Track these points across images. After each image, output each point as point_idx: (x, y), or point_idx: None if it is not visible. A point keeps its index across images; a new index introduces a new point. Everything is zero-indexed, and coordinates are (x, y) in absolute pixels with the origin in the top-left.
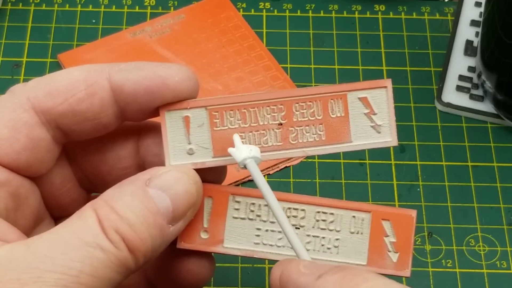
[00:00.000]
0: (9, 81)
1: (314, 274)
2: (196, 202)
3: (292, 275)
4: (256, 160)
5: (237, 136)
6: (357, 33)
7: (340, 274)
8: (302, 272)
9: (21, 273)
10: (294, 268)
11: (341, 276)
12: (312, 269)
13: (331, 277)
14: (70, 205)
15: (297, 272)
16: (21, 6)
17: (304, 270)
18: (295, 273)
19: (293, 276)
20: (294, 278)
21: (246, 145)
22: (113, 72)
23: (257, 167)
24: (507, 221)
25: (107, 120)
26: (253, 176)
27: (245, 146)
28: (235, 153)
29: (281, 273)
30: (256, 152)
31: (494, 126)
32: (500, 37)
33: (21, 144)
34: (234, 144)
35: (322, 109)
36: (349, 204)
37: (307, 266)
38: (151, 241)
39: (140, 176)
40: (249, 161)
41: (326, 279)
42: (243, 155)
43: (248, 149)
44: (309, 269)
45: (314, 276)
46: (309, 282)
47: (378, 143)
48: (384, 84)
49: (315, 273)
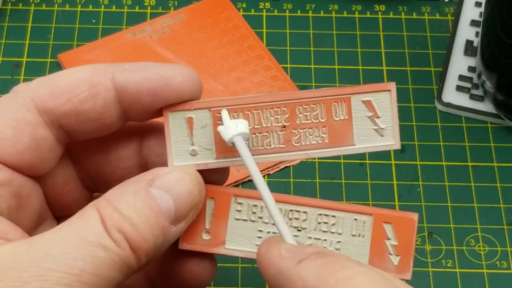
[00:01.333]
0: (9, 81)
1: (295, 259)
2: (199, 203)
3: (274, 258)
4: (244, 136)
5: (225, 111)
6: (357, 33)
7: (321, 260)
8: (283, 256)
9: (23, 271)
10: (276, 251)
11: (321, 263)
12: (294, 253)
13: (312, 263)
14: (73, 204)
15: (278, 256)
16: (21, 6)
17: (285, 253)
18: (276, 257)
19: (274, 260)
20: (275, 262)
21: (233, 121)
22: (117, 72)
23: (244, 144)
24: (507, 221)
25: (110, 120)
26: (240, 154)
27: (231, 122)
28: (223, 131)
29: (263, 255)
30: (243, 127)
31: (494, 126)
32: (500, 37)
33: (24, 143)
34: (223, 121)
35: (325, 111)
36: (350, 207)
37: (288, 250)
38: (154, 240)
39: (143, 176)
40: (235, 138)
41: (307, 264)
42: (229, 134)
43: (234, 126)
44: (290, 253)
45: (294, 260)
46: (290, 266)
47: (381, 146)
48: (388, 87)
49: (296, 257)
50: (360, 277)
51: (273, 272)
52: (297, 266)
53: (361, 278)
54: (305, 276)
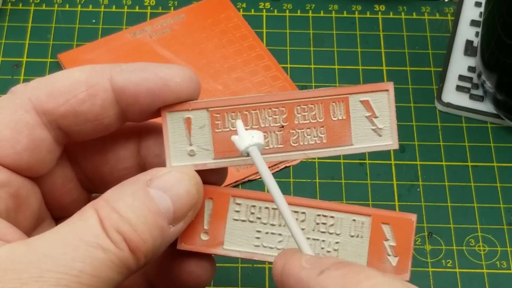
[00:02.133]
0: (9, 81)
1: (316, 269)
2: (197, 203)
3: (294, 269)
4: (259, 146)
5: (240, 122)
6: (357, 33)
7: (343, 270)
8: (304, 267)
9: (22, 272)
10: (296, 262)
11: (343, 273)
12: (314, 264)
13: (333, 273)
14: (71, 205)
15: (299, 267)
16: (21, 6)
17: (306, 264)
18: (297, 267)
19: (295, 270)
20: (295, 273)
21: (248, 131)
22: (115, 73)
23: (259, 154)
24: (507, 221)
25: (108, 121)
26: (256, 164)
27: (247, 132)
28: (238, 141)
29: (283, 266)
30: (259, 138)
31: (494, 126)
32: (500, 37)
33: (22, 144)
34: (237, 131)
35: (323, 111)
36: (349, 208)
37: (309, 261)
38: (152, 241)
39: (141, 176)
40: (251, 149)
41: (328, 274)
42: (245, 144)
43: (250, 136)
44: (311, 264)
45: (316, 271)
46: (311, 277)
47: (379, 146)
48: (386, 87)
49: (317, 268)
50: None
51: (294, 283)
52: (319, 276)
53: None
54: (327, 287)
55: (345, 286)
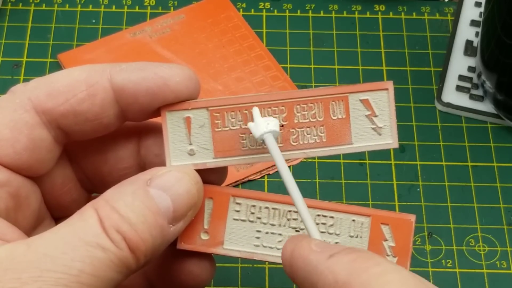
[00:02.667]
0: (9, 81)
1: (326, 253)
2: (197, 203)
3: (304, 252)
4: (274, 134)
5: (256, 109)
6: (357, 33)
7: (352, 255)
8: (314, 250)
9: (21, 272)
10: (306, 245)
11: (352, 258)
12: (324, 248)
13: (343, 258)
14: (71, 205)
15: (308, 249)
16: (21, 6)
17: (315, 248)
18: (306, 250)
19: (304, 253)
20: (305, 255)
21: (264, 118)
22: (114, 72)
23: (274, 141)
24: (507, 221)
25: (108, 120)
26: (270, 151)
27: (263, 119)
28: (253, 128)
29: (292, 249)
30: (274, 126)
31: (494, 126)
32: (500, 37)
33: (22, 144)
34: (253, 118)
35: (323, 110)
36: (349, 208)
37: (318, 245)
38: (152, 241)
39: (141, 176)
40: (266, 135)
41: (338, 259)
42: (260, 130)
43: (266, 123)
44: (320, 248)
45: (325, 254)
46: (321, 260)
47: (379, 145)
48: (385, 86)
49: (327, 252)
50: (392, 274)
51: (303, 266)
52: (329, 260)
53: (393, 275)
54: (337, 270)
55: (354, 271)
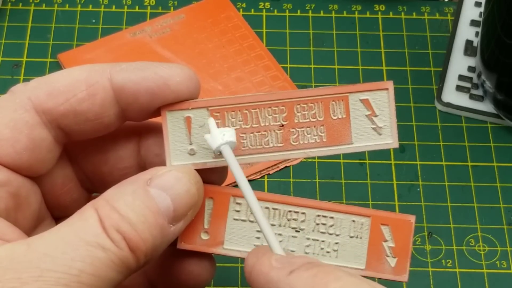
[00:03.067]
0: (9, 81)
1: (286, 269)
2: (197, 203)
3: (264, 268)
4: (231, 144)
5: (212, 120)
6: (357, 33)
7: (312, 271)
8: (274, 266)
9: (21, 272)
10: (266, 261)
11: (313, 273)
12: (284, 264)
13: (303, 274)
14: (71, 205)
15: (269, 266)
16: (21, 6)
17: (276, 264)
18: (267, 267)
19: (264, 270)
20: (265, 272)
21: (220, 129)
22: (115, 72)
23: (231, 152)
24: (507, 221)
25: (108, 120)
26: (228, 162)
27: (218, 130)
28: (210, 140)
29: (253, 265)
30: (230, 136)
31: (494, 126)
32: (500, 37)
33: (22, 144)
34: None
35: (323, 110)
36: (349, 208)
37: (279, 260)
38: (152, 240)
39: (141, 176)
40: (223, 147)
41: (298, 275)
42: (217, 142)
43: (221, 134)
44: (281, 263)
45: (286, 271)
46: (281, 277)
47: (379, 145)
48: (385, 86)
49: (287, 268)
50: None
51: (264, 282)
52: (289, 276)
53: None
54: (297, 287)
55: (314, 286)
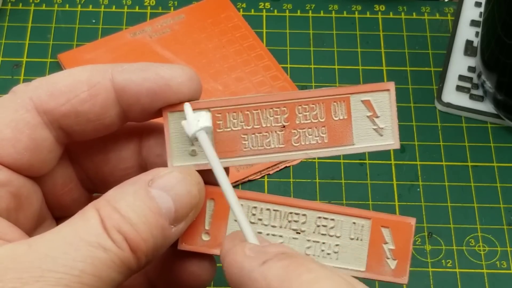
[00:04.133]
0: (9, 81)
1: (259, 259)
2: (198, 204)
3: (237, 258)
4: (206, 130)
5: (188, 105)
6: (357, 33)
7: (285, 262)
8: (247, 255)
9: (22, 272)
10: (240, 250)
11: (285, 264)
12: (258, 253)
13: (276, 264)
14: (72, 205)
15: (242, 255)
16: (21, 6)
17: (249, 253)
18: (240, 256)
19: (238, 259)
20: (239, 261)
21: (195, 114)
22: (116, 73)
23: (207, 138)
24: (507, 221)
25: (109, 120)
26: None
27: (193, 116)
28: (186, 126)
29: (226, 252)
30: (205, 121)
31: (494, 126)
32: (500, 37)
33: (23, 144)
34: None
35: (325, 111)
36: (349, 211)
37: (252, 249)
38: (153, 241)
39: (143, 176)
40: (198, 133)
41: (270, 265)
42: (192, 129)
43: (196, 120)
44: (254, 253)
45: (258, 261)
46: (254, 266)
47: (380, 146)
48: (387, 87)
49: (260, 258)
50: (324, 280)
51: (236, 271)
52: (261, 266)
53: (325, 281)
54: (269, 277)
55: (286, 277)
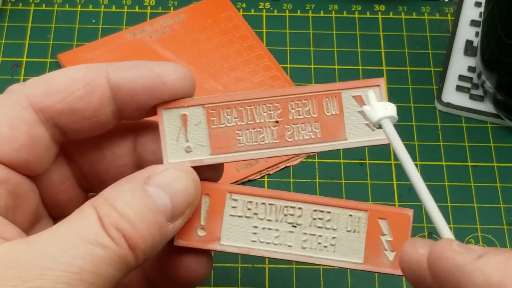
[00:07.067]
0: (9, 81)
1: (473, 254)
2: (195, 200)
3: (448, 253)
4: (392, 119)
5: (371, 92)
6: (357, 33)
7: (503, 255)
8: (458, 251)
9: (22, 270)
10: (448, 246)
11: (504, 258)
12: (467, 249)
13: (494, 258)
14: (68, 204)
15: (452, 251)
16: (21, 6)
17: (459, 249)
18: (450, 251)
19: (448, 254)
20: (450, 256)
21: (381, 103)
22: (111, 70)
23: (392, 127)
24: (507, 221)
25: (105, 118)
26: (388, 137)
27: (380, 103)
28: (370, 112)
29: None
30: (392, 111)
31: (494, 126)
32: (500, 37)
33: (20, 142)
34: (369, 102)
35: (317, 107)
36: (345, 203)
37: (460, 245)
38: (151, 238)
39: (139, 174)
40: (384, 121)
41: (488, 259)
42: (378, 115)
43: (384, 108)
44: (463, 249)
45: (473, 255)
46: (469, 261)
47: (372, 141)
48: (377, 83)
49: (474, 252)
50: None
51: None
52: (478, 260)
53: None
54: (488, 271)
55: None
